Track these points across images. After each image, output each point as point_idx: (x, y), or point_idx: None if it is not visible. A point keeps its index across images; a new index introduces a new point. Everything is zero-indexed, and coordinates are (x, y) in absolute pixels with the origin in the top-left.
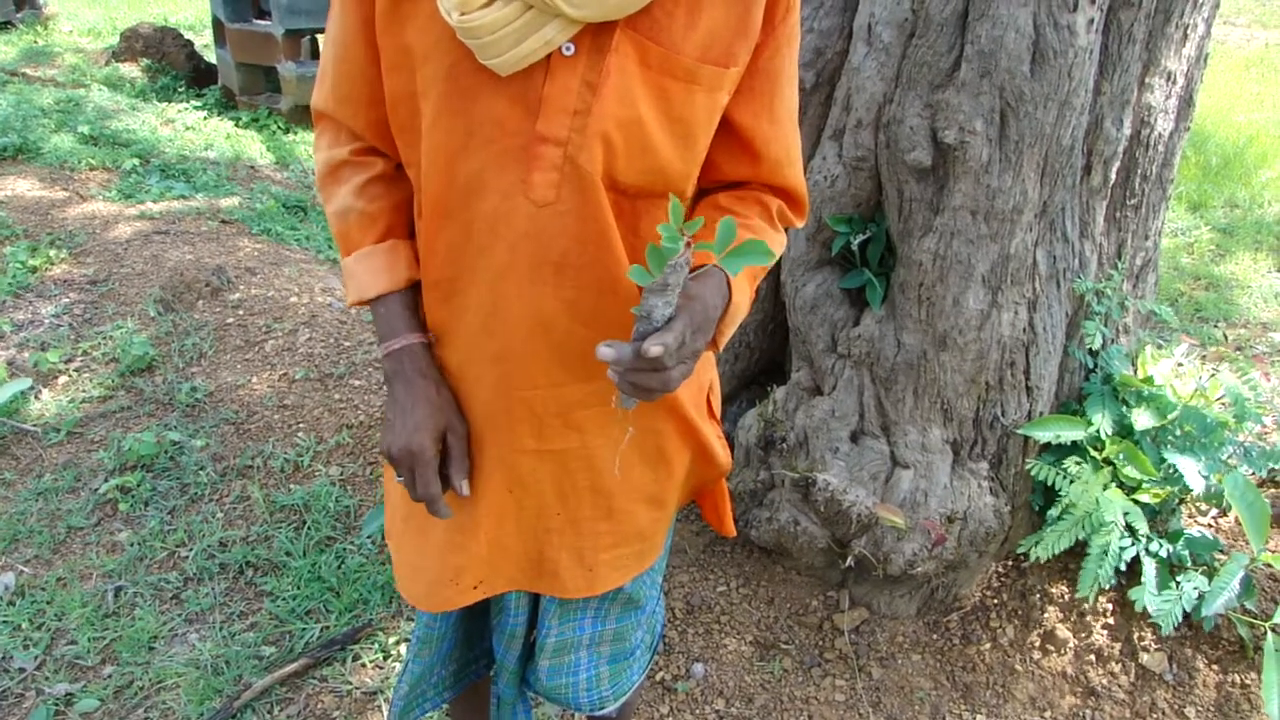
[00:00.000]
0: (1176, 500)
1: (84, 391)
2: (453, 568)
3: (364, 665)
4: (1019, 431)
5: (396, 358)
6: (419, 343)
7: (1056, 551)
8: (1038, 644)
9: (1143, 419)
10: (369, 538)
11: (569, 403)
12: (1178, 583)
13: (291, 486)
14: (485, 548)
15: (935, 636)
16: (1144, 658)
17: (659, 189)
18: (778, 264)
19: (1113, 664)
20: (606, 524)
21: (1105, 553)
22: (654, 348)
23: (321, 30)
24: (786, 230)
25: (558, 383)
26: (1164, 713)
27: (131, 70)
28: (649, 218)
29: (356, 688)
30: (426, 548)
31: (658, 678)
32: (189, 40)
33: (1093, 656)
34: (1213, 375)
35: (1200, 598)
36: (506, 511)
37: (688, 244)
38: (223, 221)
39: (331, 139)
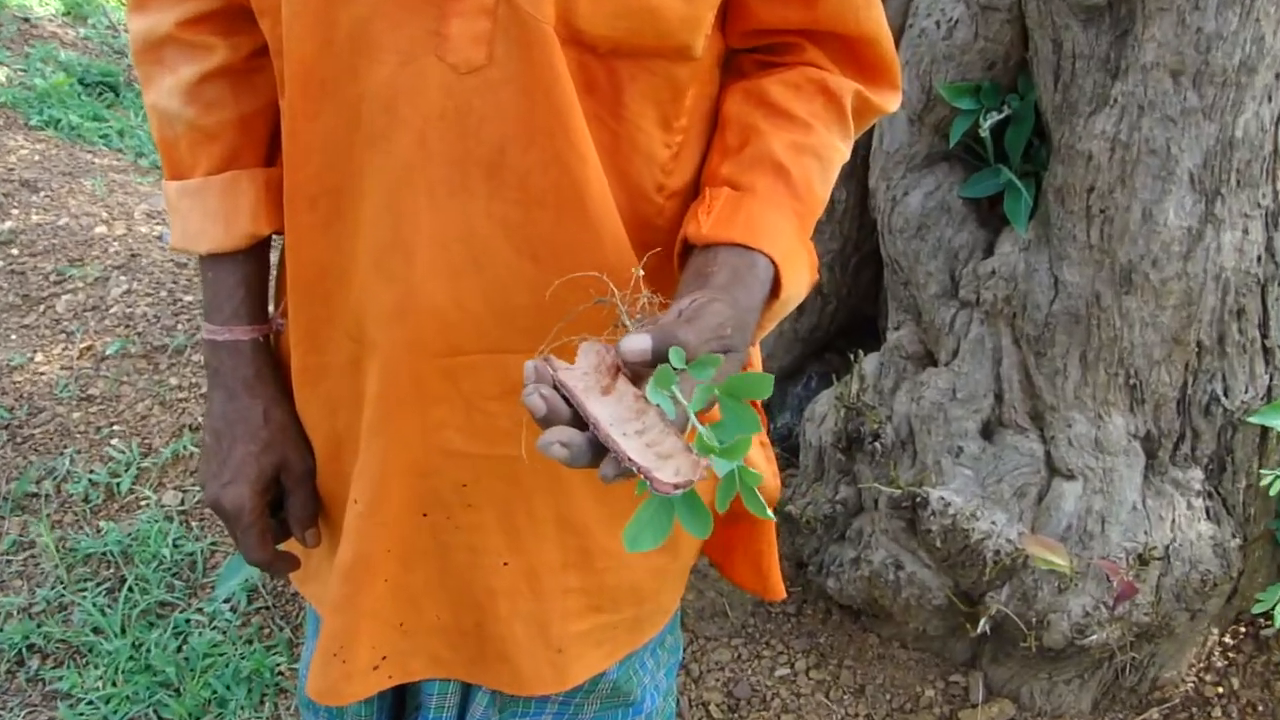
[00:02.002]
0: None
1: None
2: (338, 634)
3: None
4: (1251, 419)
5: (216, 352)
6: (250, 339)
7: None
8: None
9: None
10: (227, 602)
11: (515, 381)
12: None
13: (102, 524)
14: (388, 602)
15: None
16: None
17: (647, 43)
18: (864, 164)
19: None
20: (580, 576)
21: None
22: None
23: None
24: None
25: (495, 346)
26: None
27: None
28: (636, 89)
29: None
30: (323, 598)
31: None
32: None
33: None
34: None
35: None
36: (418, 546)
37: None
38: None
39: None
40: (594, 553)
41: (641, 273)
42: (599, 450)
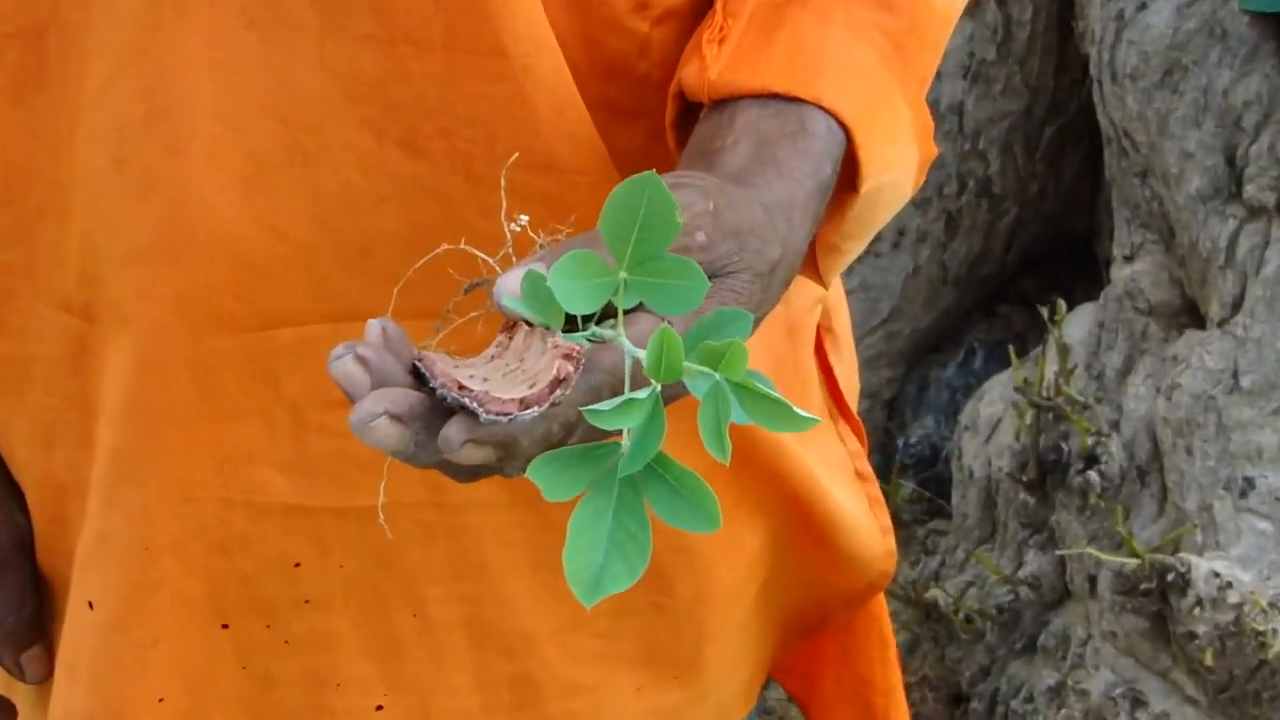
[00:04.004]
0: None
1: None
2: None
3: None
4: None
5: None
6: None
7: None
8: None
9: None
10: None
11: None
12: None
13: None
14: None
15: None
16: None
17: None
18: None
19: None
20: None
21: None
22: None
23: None
24: None
25: (341, 309)
26: None
27: None
28: None
29: None
30: None
31: None
32: None
33: None
34: None
35: None
36: (217, 683)
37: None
38: None
39: None
40: (542, 682)
41: (521, 225)
42: (447, 415)
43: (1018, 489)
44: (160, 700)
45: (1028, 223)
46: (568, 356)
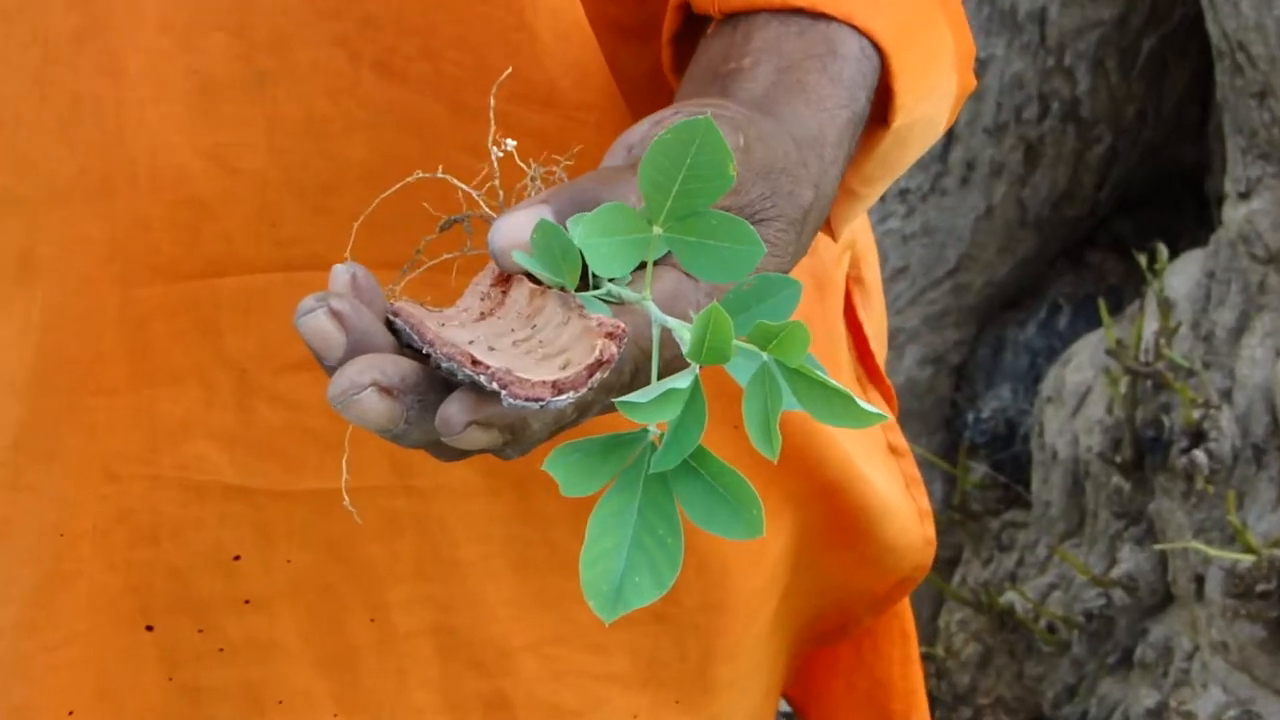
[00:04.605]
0: None
1: None
2: None
3: None
4: None
5: None
6: None
7: None
8: None
9: None
10: None
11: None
12: None
13: None
14: None
15: None
16: None
17: None
18: None
19: None
20: None
21: None
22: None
23: None
24: None
25: (300, 256)
26: None
27: None
28: None
29: None
30: None
31: None
32: None
33: None
34: None
35: None
36: (138, 696)
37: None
38: None
39: None
40: (519, 704)
41: (507, 149)
42: (444, 390)
43: (1110, 472)
44: (70, 713)
45: (1123, 153)
46: (611, 335)
